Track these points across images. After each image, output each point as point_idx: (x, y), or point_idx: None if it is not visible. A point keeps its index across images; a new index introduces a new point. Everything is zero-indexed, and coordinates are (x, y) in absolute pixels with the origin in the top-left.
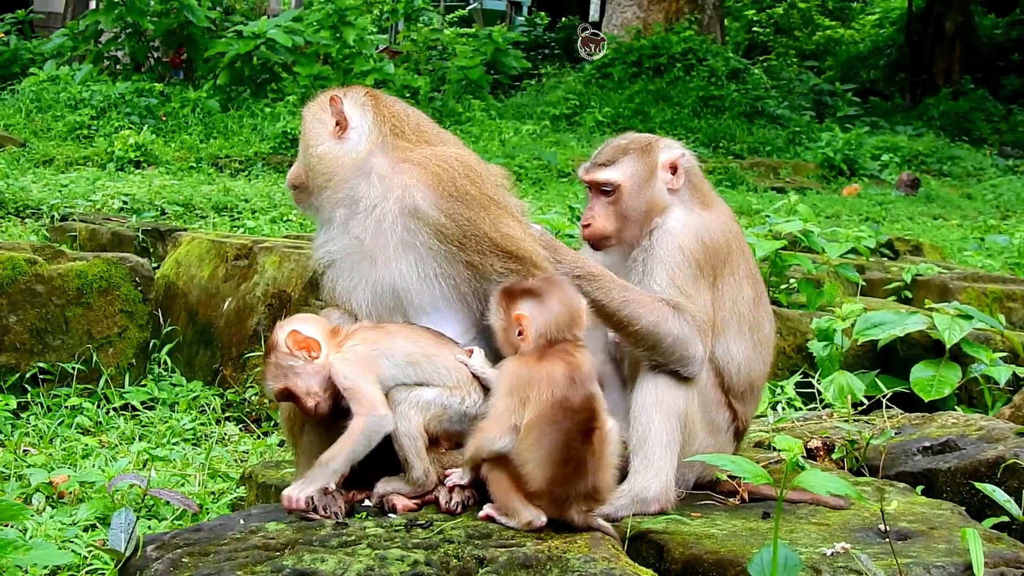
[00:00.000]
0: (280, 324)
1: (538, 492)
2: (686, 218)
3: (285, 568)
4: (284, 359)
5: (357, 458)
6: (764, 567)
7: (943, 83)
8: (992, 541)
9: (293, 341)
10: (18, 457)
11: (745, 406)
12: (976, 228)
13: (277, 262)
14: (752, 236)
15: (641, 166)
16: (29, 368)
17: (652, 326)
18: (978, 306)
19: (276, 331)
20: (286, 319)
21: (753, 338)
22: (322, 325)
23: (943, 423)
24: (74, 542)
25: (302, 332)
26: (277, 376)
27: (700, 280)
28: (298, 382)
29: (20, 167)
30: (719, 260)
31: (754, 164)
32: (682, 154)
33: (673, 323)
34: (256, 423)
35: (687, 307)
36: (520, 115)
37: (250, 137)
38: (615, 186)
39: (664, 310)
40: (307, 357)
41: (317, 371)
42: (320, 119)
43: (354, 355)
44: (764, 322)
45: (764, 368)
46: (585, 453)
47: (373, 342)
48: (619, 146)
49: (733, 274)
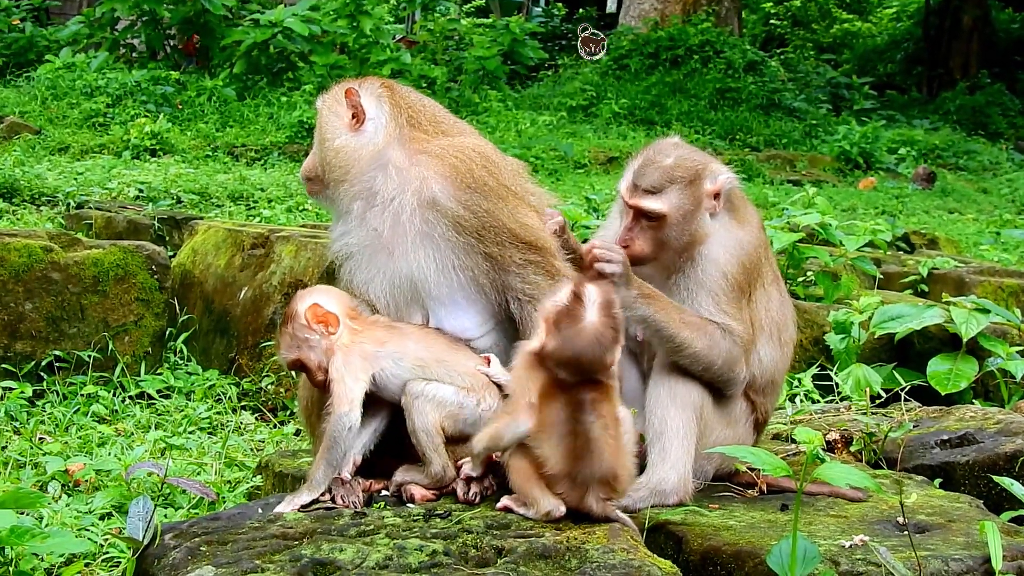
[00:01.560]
0: (301, 294)
1: (557, 474)
2: (726, 241)
3: (303, 557)
4: (301, 331)
5: (336, 461)
6: (783, 559)
7: (960, 77)
8: (1010, 534)
9: (313, 314)
10: (34, 445)
11: (765, 398)
12: (992, 222)
13: (294, 251)
14: (770, 228)
15: (688, 197)
16: (45, 356)
17: (706, 349)
18: (994, 300)
19: (297, 301)
20: (308, 288)
21: (780, 339)
22: (343, 302)
23: (961, 416)
24: (90, 530)
25: (323, 307)
26: (291, 347)
27: (741, 300)
28: (311, 355)
29: (36, 154)
30: (754, 275)
31: (770, 157)
32: (727, 179)
33: (723, 346)
34: (272, 412)
35: (735, 329)
36: (537, 106)
37: (266, 126)
38: (660, 216)
39: (716, 334)
40: (324, 332)
41: (328, 349)
42: (336, 112)
43: (358, 352)
44: (788, 322)
45: (786, 364)
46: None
47: (383, 343)
48: (666, 170)
49: (763, 283)
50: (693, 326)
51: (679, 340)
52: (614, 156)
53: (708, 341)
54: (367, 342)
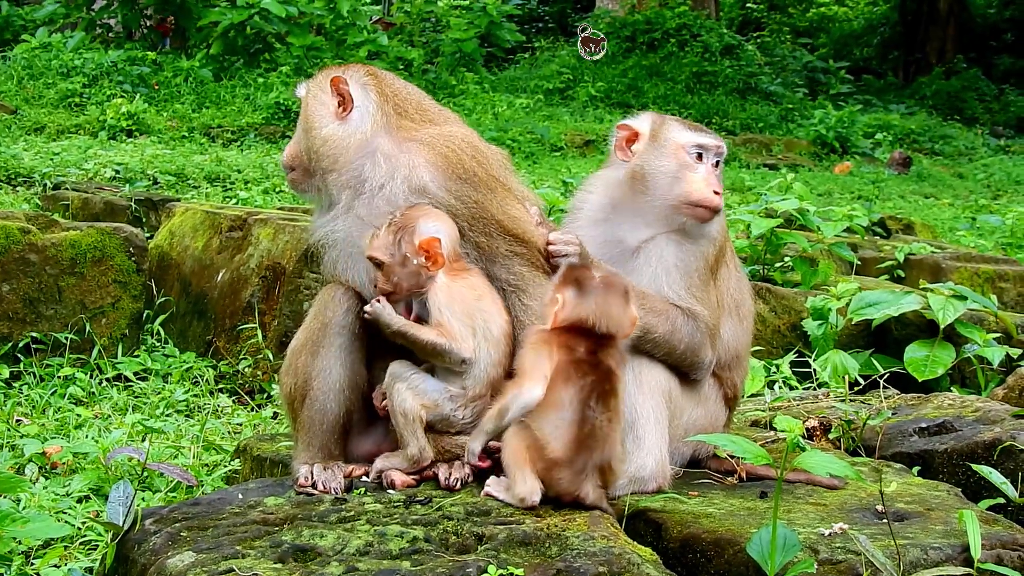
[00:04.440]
0: (426, 216)
1: (558, 460)
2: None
3: (284, 543)
4: (407, 248)
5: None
6: (763, 547)
7: (936, 62)
8: (988, 523)
9: (429, 246)
10: (11, 427)
11: (731, 372)
12: (968, 207)
13: (271, 234)
14: (748, 214)
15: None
16: (22, 337)
17: (667, 335)
18: (970, 286)
19: (420, 219)
20: (436, 214)
21: (738, 314)
22: (453, 242)
23: (939, 404)
24: (68, 513)
25: (441, 245)
26: (387, 251)
27: (709, 282)
28: (397, 270)
29: (12, 134)
30: (719, 257)
31: (747, 140)
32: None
33: (685, 331)
34: (250, 395)
35: (699, 314)
36: (513, 88)
37: (243, 107)
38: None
39: (678, 319)
40: (424, 264)
41: (417, 275)
42: (321, 100)
43: (459, 297)
44: (746, 295)
45: (747, 337)
46: (601, 417)
47: (480, 297)
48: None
49: (725, 264)
50: (655, 312)
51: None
52: (591, 139)
53: (670, 327)
54: (465, 288)
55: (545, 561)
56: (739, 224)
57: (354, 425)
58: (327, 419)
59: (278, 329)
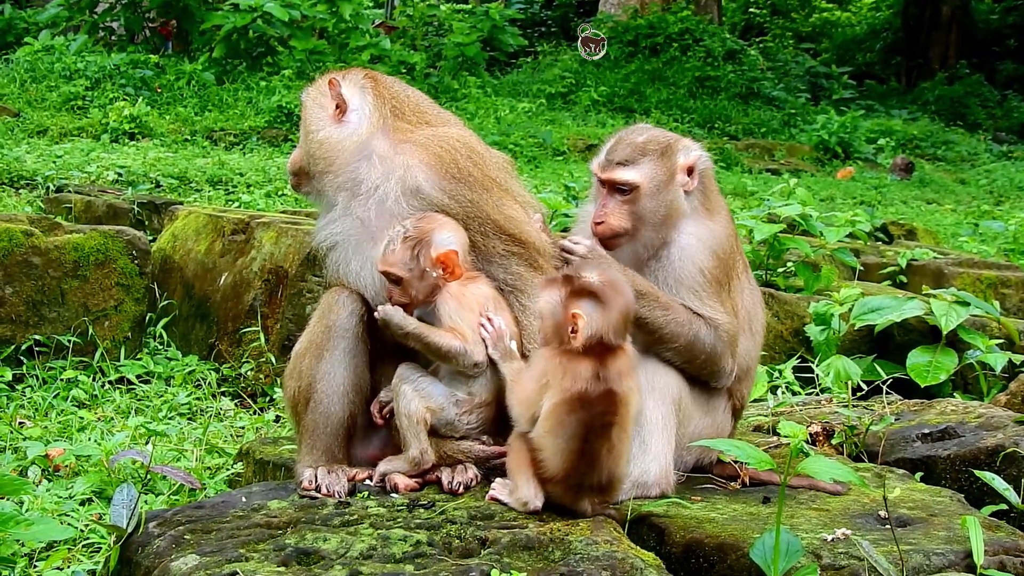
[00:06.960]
0: (442, 226)
1: (552, 479)
2: (698, 231)
3: (288, 547)
4: (425, 261)
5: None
6: (766, 552)
7: (939, 67)
8: (991, 529)
9: (447, 259)
10: (14, 429)
11: (740, 385)
12: (970, 213)
13: (274, 237)
14: (751, 219)
15: (660, 168)
16: (25, 340)
17: (689, 344)
18: (973, 292)
19: (436, 230)
20: (450, 224)
21: (751, 328)
22: (466, 249)
23: (942, 410)
24: (71, 516)
25: (458, 258)
26: (404, 267)
27: (722, 292)
28: (415, 283)
29: (14, 137)
30: (729, 268)
31: (749, 145)
32: (700, 156)
33: (707, 341)
34: (252, 398)
35: (720, 323)
36: (516, 93)
37: (245, 111)
38: (633, 187)
39: (701, 328)
40: (441, 275)
41: (435, 287)
42: (320, 103)
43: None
44: (758, 309)
45: (758, 351)
46: (600, 448)
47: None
48: (637, 145)
49: (737, 276)
50: (679, 322)
51: (662, 334)
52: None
53: (692, 336)
54: (475, 294)
55: (548, 565)
56: (742, 229)
57: (358, 429)
58: (331, 422)
59: (280, 332)
